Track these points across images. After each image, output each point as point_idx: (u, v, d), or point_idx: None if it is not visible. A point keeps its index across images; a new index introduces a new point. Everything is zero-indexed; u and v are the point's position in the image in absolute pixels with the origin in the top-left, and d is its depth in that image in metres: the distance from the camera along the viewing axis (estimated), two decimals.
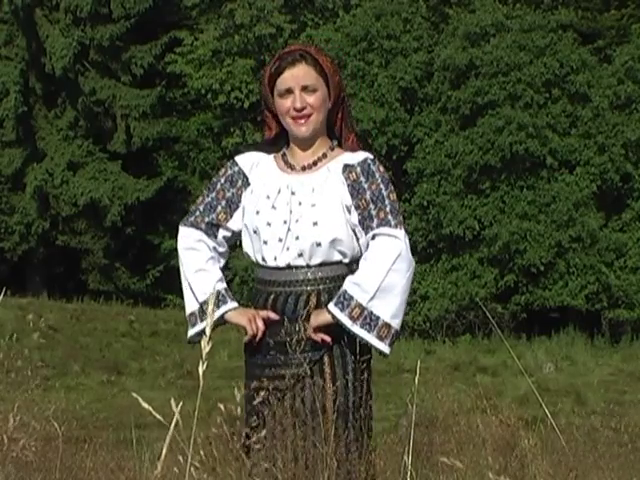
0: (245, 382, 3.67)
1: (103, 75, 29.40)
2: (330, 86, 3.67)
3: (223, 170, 3.79)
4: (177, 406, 2.37)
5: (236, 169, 3.77)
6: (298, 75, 3.63)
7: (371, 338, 3.48)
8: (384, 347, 3.50)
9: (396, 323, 3.52)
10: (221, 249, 3.81)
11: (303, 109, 3.62)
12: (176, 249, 3.89)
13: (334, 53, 27.29)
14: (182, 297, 3.85)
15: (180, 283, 3.81)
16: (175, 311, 26.08)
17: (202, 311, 3.71)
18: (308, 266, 3.60)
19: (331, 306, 3.50)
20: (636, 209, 26.48)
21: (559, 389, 17.17)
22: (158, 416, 2.36)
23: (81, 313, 23.00)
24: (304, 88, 3.63)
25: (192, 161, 29.58)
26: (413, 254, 3.62)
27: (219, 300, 3.70)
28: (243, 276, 25.88)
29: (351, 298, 3.48)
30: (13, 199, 29.01)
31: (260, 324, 3.59)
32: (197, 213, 3.77)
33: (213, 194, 3.77)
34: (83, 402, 14.04)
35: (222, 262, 3.84)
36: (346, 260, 3.61)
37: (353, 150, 3.69)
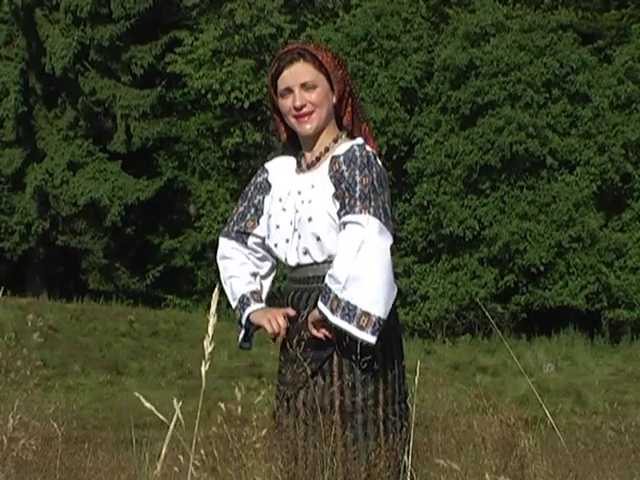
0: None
1: (103, 75, 29.39)
2: (332, 81, 3.65)
3: (254, 179, 3.83)
4: (178, 405, 2.37)
5: (265, 176, 3.81)
6: (296, 73, 3.63)
7: (351, 328, 3.41)
8: (366, 336, 3.40)
9: (377, 310, 3.41)
10: (257, 254, 3.81)
11: (303, 107, 3.61)
12: (177, 249, 3.93)
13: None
14: (181, 297, 3.91)
15: (181, 284, 3.86)
16: (175, 311, 26.10)
17: (237, 318, 3.77)
18: (316, 263, 3.60)
19: (319, 302, 3.50)
20: (636, 209, 26.48)
21: (559, 389, 17.17)
22: (160, 416, 2.37)
23: (81, 313, 23.00)
24: (303, 85, 3.62)
25: (192, 161, 29.57)
26: (413, 254, 3.62)
27: (244, 304, 3.72)
28: None
29: (330, 290, 3.46)
30: (13, 199, 29.00)
31: (281, 321, 3.61)
32: (231, 223, 3.82)
33: (245, 203, 3.81)
34: (83, 402, 14.03)
35: (266, 264, 3.83)
36: None
37: (365, 138, 3.67)
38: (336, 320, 3.44)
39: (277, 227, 3.66)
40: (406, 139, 27.28)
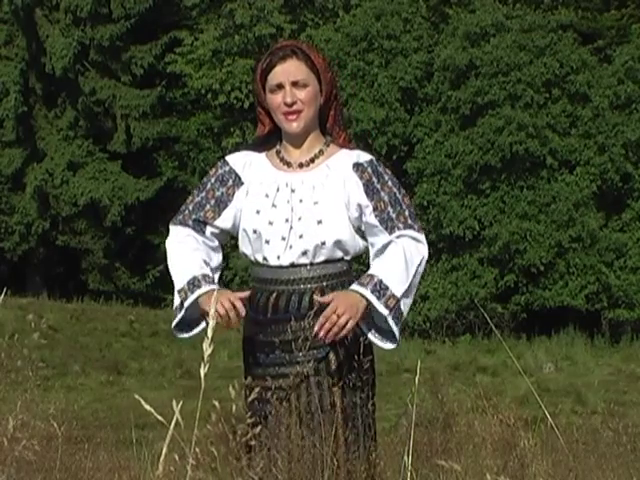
0: (244, 380, 3.53)
1: (103, 75, 29.40)
2: (322, 82, 3.65)
3: (213, 170, 3.75)
4: (177, 406, 2.37)
5: (227, 168, 3.73)
6: (289, 70, 3.61)
7: (397, 331, 3.47)
8: (391, 344, 3.49)
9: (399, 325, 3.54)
10: (211, 244, 3.71)
11: (293, 104, 3.59)
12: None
13: (334, 53, 27.30)
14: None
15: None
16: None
17: (180, 302, 3.61)
18: (311, 264, 3.57)
19: (367, 293, 3.43)
20: (636, 209, 26.48)
21: (559, 389, 17.17)
22: (159, 417, 2.37)
23: (81, 313, 23.00)
24: (295, 83, 3.60)
25: (192, 161, 29.57)
26: None
27: (193, 285, 3.56)
28: (243, 276, 25.88)
29: (387, 288, 3.45)
30: (13, 199, 29.01)
31: (238, 304, 3.44)
32: (186, 212, 3.72)
33: (203, 193, 3.72)
34: (83, 402, 14.05)
35: (217, 256, 3.72)
36: (347, 257, 3.60)
37: (349, 148, 3.67)
38: (390, 319, 3.45)
39: (270, 223, 3.59)
40: (406, 139, 27.28)
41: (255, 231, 3.63)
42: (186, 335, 3.69)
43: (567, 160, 26.43)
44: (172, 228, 3.75)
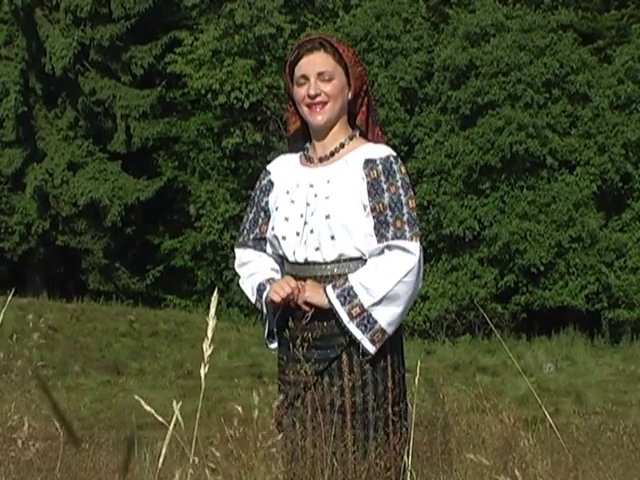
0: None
1: (103, 75, 29.40)
2: (350, 76, 3.62)
3: (258, 183, 3.78)
4: (177, 406, 2.37)
5: (269, 177, 3.75)
6: (315, 62, 3.58)
7: (363, 339, 3.48)
8: (372, 348, 3.49)
9: (391, 330, 3.53)
10: (273, 257, 3.78)
11: (317, 96, 3.56)
12: (177, 249, 3.90)
13: None
14: (181, 297, 3.87)
15: (181, 284, 3.82)
16: (175, 311, 26.08)
17: (260, 312, 3.71)
18: (325, 262, 3.56)
19: (331, 294, 3.49)
20: (636, 209, 26.48)
21: (559, 389, 17.15)
22: (159, 418, 2.37)
23: (81, 313, 22.98)
24: (320, 75, 3.57)
25: (192, 161, 29.57)
26: None
27: (260, 291, 3.65)
28: None
29: (355, 296, 3.47)
30: (13, 199, 29.01)
31: (292, 284, 3.53)
32: (244, 232, 3.77)
33: (254, 209, 3.76)
34: (83, 402, 14.04)
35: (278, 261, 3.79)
36: (365, 257, 3.57)
37: (377, 142, 3.65)
38: (351, 326, 3.48)
39: (286, 219, 3.60)
40: (406, 139, 27.28)
41: (274, 228, 3.65)
42: (275, 345, 3.74)
43: (567, 160, 26.43)
44: (237, 251, 3.81)
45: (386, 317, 3.48)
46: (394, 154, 3.60)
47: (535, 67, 26.28)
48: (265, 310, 3.65)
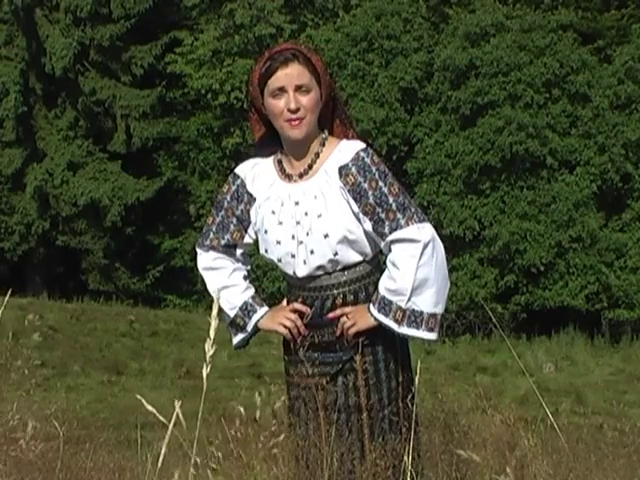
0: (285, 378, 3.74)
1: (103, 75, 29.40)
2: (322, 85, 3.59)
3: (227, 187, 3.74)
4: (178, 405, 2.37)
5: (239, 182, 3.72)
6: (292, 74, 3.53)
7: (421, 334, 3.51)
8: (433, 336, 3.54)
9: (440, 309, 3.56)
10: (245, 266, 3.83)
11: (297, 110, 3.52)
12: (177, 249, 3.92)
13: (334, 53, 27.33)
14: (181, 297, 3.90)
15: (181, 284, 3.86)
16: (175, 311, 26.09)
17: (236, 325, 3.74)
18: (328, 273, 3.58)
19: (375, 312, 3.52)
20: (636, 209, 26.47)
21: (559, 389, 17.15)
22: (160, 417, 2.37)
23: (81, 313, 22.97)
24: (298, 88, 3.53)
25: (192, 161, 29.57)
26: None
27: (248, 311, 3.70)
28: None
29: (390, 303, 3.49)
30: (13, 199, 29.01)
31: (296, 320, 3.60)
32: (211, 235, 3.78)
33: (222, 212, 3.74)
34: (83, 402, 14.03)
35: (247, 267, 3.85)
36: (367, 258, 3.60)
37: (348, 139, 3.61)
38: (404, 330, 3.51)
39: (278, 243, 3.59)
40: (406, 139, 27.28)
41: (267, 250, 3.66)
42: (242, 346, 3.83)
43: (567, 160, 26.42)
44: (200, 252, 3.84)
45: (427, 303, 3.51)
46: (362, 147, 3.55)
47: (535, 67, 26.27)
48: (249, 329, 3.72)
